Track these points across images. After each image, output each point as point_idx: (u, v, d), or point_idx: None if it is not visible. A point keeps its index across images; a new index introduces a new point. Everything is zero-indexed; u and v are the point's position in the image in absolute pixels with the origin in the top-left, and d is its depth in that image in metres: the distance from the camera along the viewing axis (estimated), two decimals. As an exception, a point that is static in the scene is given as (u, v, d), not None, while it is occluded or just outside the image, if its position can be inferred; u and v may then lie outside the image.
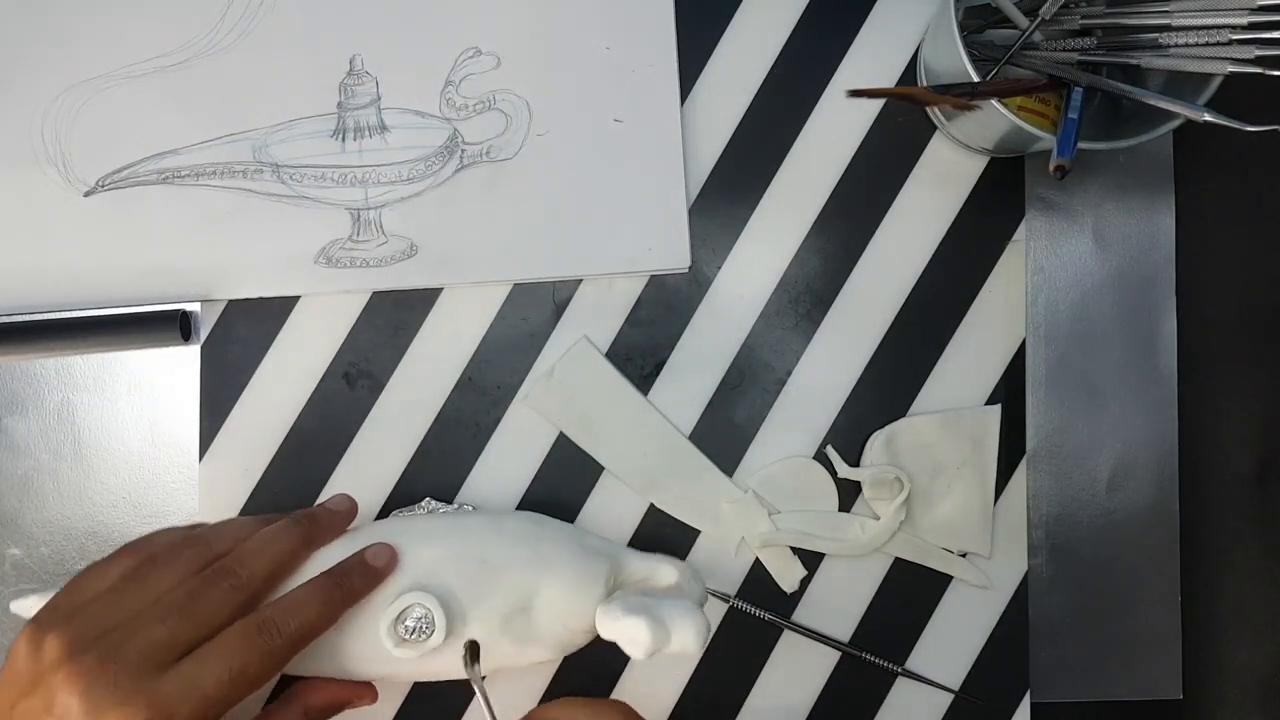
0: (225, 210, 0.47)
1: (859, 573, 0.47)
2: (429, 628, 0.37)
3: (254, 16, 0.47)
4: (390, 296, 0.47)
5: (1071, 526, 0.48)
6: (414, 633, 0.37)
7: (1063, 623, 0.47)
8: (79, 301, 0.47)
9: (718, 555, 0.47)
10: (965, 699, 0.47)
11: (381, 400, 0.47)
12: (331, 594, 0.37)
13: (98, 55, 0.47)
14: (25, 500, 0.48)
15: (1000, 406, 0.47)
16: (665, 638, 0.37)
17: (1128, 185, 0.48)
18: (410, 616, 0.38)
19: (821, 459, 0.47)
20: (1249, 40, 0.38)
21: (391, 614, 0.37)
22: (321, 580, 0.38)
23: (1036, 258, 0.48)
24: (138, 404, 0.48)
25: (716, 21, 0.47)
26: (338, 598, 0.37)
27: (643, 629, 0.36)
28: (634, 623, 0.36)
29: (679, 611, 0.37)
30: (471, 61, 0.47)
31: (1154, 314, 0.48)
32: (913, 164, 0.47)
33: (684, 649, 0.37)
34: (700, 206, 0.47)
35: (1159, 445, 0.48)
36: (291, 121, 0.47)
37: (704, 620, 0.37)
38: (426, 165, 0.47)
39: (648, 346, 0.47)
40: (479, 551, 0.39)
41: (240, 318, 0.47)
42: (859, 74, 0.47)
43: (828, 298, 0.47)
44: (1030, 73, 0.43)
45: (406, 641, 0.38)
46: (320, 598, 0.37)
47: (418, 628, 0.37)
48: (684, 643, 0.37)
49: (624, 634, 0.37)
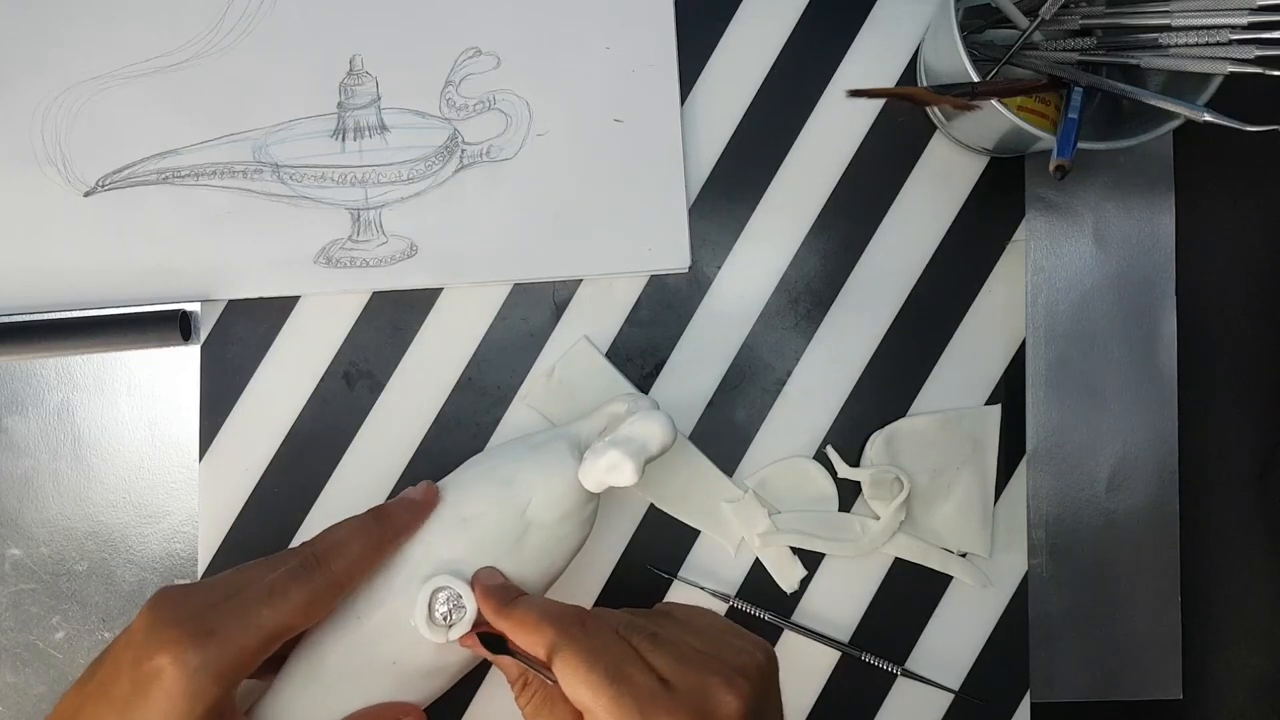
0: (225, 210, 0.47)
1: (859, 573, 0.47)
2: (460, 603, 0.38)
3: (254, 16, 0.47)
4: (390, 296, 0.47)
5: (1071, 526, 0.48)
6: (448, 616, 0.38)
7: (1063, 623, 0.47)
8: (79, 301, 0.47)
9: (718, 555, 0.47)
10: (965, 699, 0.47)
11: (381, 400, 0.47)
12: (372, 531, 0.38)
13: (98, 55, 0.47)
14: (25, 500, 0.48)
15: (1000, 406, 0.47)
16: (641, 448, 0.39)
17: (1128, 185, 0.48)
18: (439, 601, 0.38)
19: (821, 459, 0.47)
20: (1249, 40, 0.38)
21: (422, 605, 0.38)
22: (364, 517, 0.39)
23: (1036, 258, 0.48)
24: (138, 404, 0.48)
25: (716, 21, 0.47)
26: (376, 535, 0.38)
27: (617, 455, 0.38)
28: (610, 457, 0.38)
29: (639, 420, 0.40)
30: (471, 61, 0.47)
31: (1154, 314, 0.48)
32: (913, 164, 0.47)
33: (662, 444, 0.39)
34: (700, 206, 0.47)
35: (1159, 445, 0.48)
36: (291, 121, 0.47)
37: (663, 414, 0.40)
38: (426, 165, 0.47)
39: (648, 346, 0.47)
40: (456, 515, 0.40)
41: (240, 318, 0.47)
42: (859, 74, 0.47)
43: (828, 298, 0.47)
44: (1030, 73, 0.43)
45: (445, 625, 0.38)
46: (362, 535, 0.38)
47: (450, 609, 0.38)
48: (658, 439, 0.39)
49: (608, 472, 0.39)
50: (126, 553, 0.48)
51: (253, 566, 0.38)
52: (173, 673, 0.34)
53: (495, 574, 0.40)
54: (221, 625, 0.35)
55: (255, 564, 0.38)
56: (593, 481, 0.39)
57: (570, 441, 0.41)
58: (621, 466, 0.38)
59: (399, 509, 0.40)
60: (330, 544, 0.38)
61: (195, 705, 0.34)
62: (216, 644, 0.34)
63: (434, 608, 0.38)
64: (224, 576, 0.38)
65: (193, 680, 0.34)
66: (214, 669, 0.34)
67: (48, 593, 0.48)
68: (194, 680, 0.34)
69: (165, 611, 0.36)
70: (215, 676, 0.34)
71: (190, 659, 0.34)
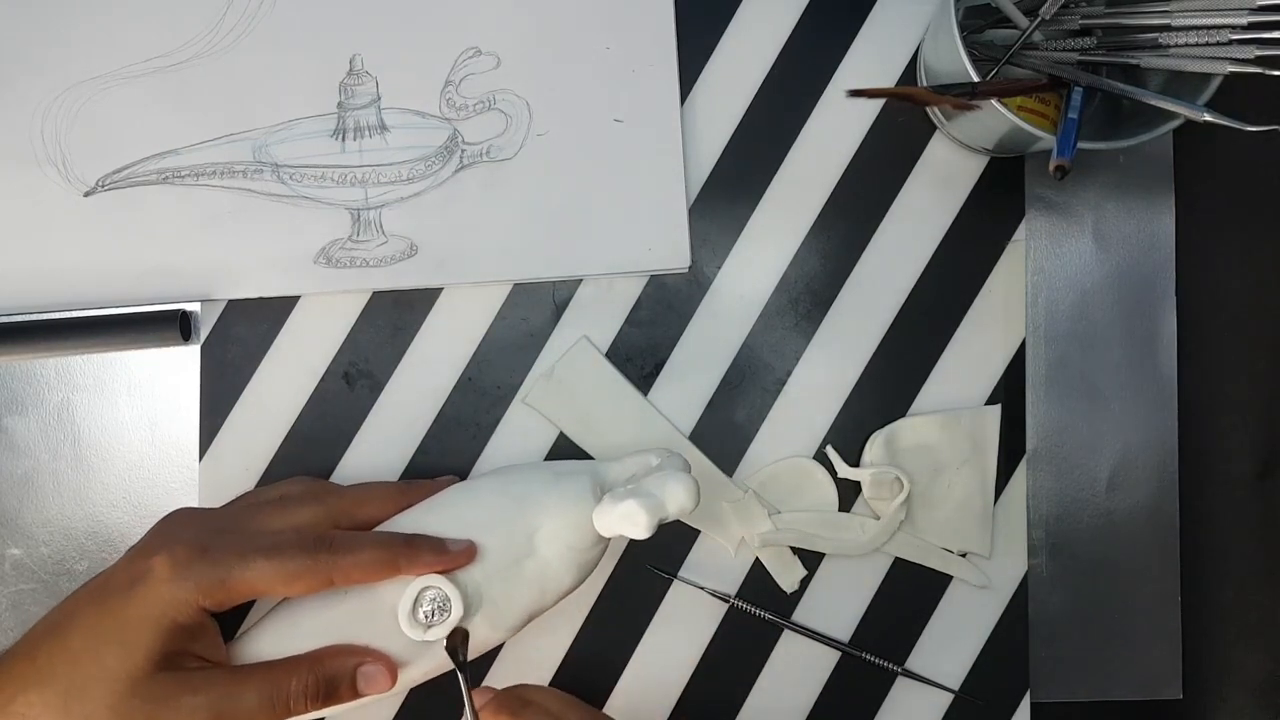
0: (225, 210, 0.47)
1: (859, 573, 0.47)
2: (446, 606, 0.38)
3: (254, 16, 0.47)
4: (390, 296, 0.47)
5: (1071, 526, 0.48)
6: (432, 615, 0.38)
7: (1063, 623, 0.47)
8: (79, 301, 0.47)
9: (718, 555, 0.47)
10: (965, 699, 0.47)
11: (381, 400, 0.47)
12: (391, 551, 0.38)
13: (97, 55, 0.47)
14: (25, 500, 0.48)
15: (1000, 406, 0.47)
16: (659, 506, 0.38)
17: (1128, 185, 0.48)
18: (425, 600, 0.38)
19: (821, 459, 0.47)
20: (1249, 40, 0.38)
21: (407, 600, 0.38)
22: (392, 538, 0.39)
23: (1036, 258, 0.48)
24: (138, 404, 0.48)
25: (716, 21, 0.47)
26: (392, 558, 0.38)
27: (634, 506, 0.38)
28: (626, 506, 0.38)
29: (665, 478, 0.39)
30: (471, 61, 0.47)
31: (1154, 314, 0.48)
32: (913, 164, 0.47)
33: (680, 508, 0.38)
34: (700, 206, 0.47)
35: (1159, 445, 0.48)
36: (291, 121, 0.47)
37: (690, 478, 0.39)
38: (426, 165, 0.47)
39: (648, 346, 0.47)
40: (462, 520, 0.40)
41: (240, 318, 0.47)
42: (859, 74, 0.47)
43: (828, 298, 0.47)
44: (1030, 73, 0.43)
45: (428, 625, 0.38)
46: (381, 550, 0.38)
47: (434, 610, 0.38)
48: (678, 501, 0.38)
49: (622, 520, 0.38)
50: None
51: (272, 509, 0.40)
52: (159, 573, 0.35)
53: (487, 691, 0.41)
54: (217, 549, 0.36)
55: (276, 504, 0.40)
56: (604, 525, 0.39)
57: (595, 479, 0.41)
58: (636, 518, 0.38)
59: (429, 548, 0.39)
60: (348, 540, 0.38)
61: (169, 609, 0.35)
62: (207, 562, 0.36)
63: (419, 605, 0.38)
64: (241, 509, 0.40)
65: (175, 586, 0.35)
66: (197, 583, 0.35)
67: (48, 593, 0.47)
68: (176, 586, 0.35)
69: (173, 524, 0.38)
70: (196, 590, 0.35)
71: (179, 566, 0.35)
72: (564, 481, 0.41)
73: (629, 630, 0.47)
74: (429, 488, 0.43)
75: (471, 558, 0.39)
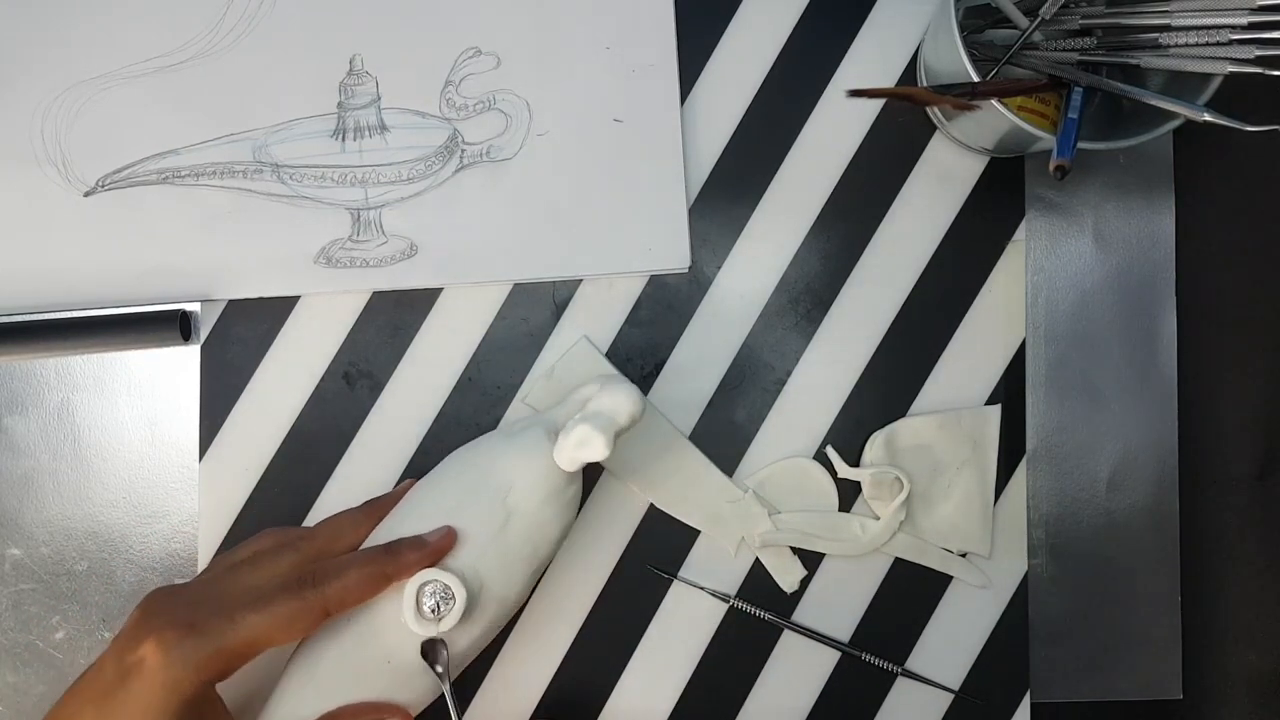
0: (225, 210, 0.47)
1: (859, 573, 0.47)
2: (449, 595, 0.38)
3: (254, 16, 0.47)
4: (390, 296, 0.47)
5: (1071, 526, 0.48)
6: (438, 608, 0.38)
7: (1063, 623, 0.47)
8: (79, 301, 0.47)
9: (718, 555, 0.47)
10: (965, 699, 0.47)
11: (381, 400, 0.47)
12: (375, 564, 0.38)
13: (97, 55, 0.47)
14: (25, 500, 0.48)
15: (1000, 406, 0.47)
16: (609, 421, 0.39)
17: (1128, 185, 0.48)
18: (427, 595, 0.38)
19: (821, 459, 0.47)
20: (1249, 40, 0.38)
21: (410, 600, 0.38)
22: (371, 551, 0.39)
23: (1036, 258, 0.48)
24: (138, 404, 0.48)
25: (716, 21, 0.47)
26: (377, 570, 0.38)
27: (586, 429, 0.38)
28: (579, 432, 0.38)
29: (605, 394, 0.40)
30: (471, 61, 0.47)
31: (1154, 314, 0.48)
32: (913, 164, 0.47)
33: (630, 415, 0.39)
34: (700, 206, 0.47)
35: (1159, 445, 0.48)
36: (291, 121, 0.47)
37: (629, 384, 0.40)
38: (426, 165, 0.47)
39: (648, 346, 0.47)
40: (438, 508, 0.40)
41: (240, 318, 0.47)
42: (859, 74, 0.47)
43: (828, 298, 0.47)
44: (1030, 73, 0.43)
45: (438, 618, 0.38)
46: (364, 566, 0.38)
47: (439, 601, 0.38)
48: (625, 409, 0.39)
49: (580, 447, 0.38)
50: (126, 553, 0.48)
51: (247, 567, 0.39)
52: (153, 662, 0.35)
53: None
54: (204, 621, 0.36)
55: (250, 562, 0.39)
56: (566, 460, 0.39)
57: (546, 427, 0.41)
58: (592, 440, 0.38)
59: (409, 548, 0.39)
60: (329, 568, 0.38)
61: (172, 696, 0.35)
62: (196, 637, 0.35)
63: (422, 602, 0.38)
64: (217, 575, 0.39)
65: (171, 670, 0.35)
66: (193, 660, 0.35)
67: (48, 593, 0.48)
68: (172, 670, 0.35)
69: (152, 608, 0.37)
70: (194, 668, 0.35)
71: (170, 650, 0.35)
72: (518, 438, 0.41)
73: (629, 630, 0.47)
74: (393, 497, 0.43)
75: (453, 541, 0.39)
